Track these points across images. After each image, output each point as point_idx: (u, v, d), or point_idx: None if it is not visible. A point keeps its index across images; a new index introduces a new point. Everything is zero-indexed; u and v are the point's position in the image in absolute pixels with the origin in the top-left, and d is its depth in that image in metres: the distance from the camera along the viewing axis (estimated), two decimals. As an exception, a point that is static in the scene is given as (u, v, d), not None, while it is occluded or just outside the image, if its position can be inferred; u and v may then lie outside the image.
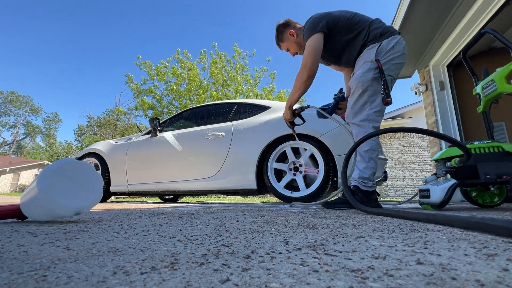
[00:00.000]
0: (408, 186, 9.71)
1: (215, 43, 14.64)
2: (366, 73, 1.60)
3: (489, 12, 2.93)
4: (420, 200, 1.78)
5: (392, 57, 1.61)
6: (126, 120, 25.25)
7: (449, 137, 1.30)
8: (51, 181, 1.02)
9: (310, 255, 0.49)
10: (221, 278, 0.36)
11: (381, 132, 1.41)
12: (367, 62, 1.62)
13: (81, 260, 0.47)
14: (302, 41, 1.83)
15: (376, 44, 1.63)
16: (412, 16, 3.11)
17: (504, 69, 1.63)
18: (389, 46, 1.61)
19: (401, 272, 0.38)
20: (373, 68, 1.59)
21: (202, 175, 2.85)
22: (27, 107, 41.70)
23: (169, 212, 1.58)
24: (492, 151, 1.59)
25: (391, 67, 1.60)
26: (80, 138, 33.99)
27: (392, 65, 1.61)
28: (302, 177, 2.48)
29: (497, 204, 1.83)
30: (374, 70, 1.59)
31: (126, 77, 14.94)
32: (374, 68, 1.59)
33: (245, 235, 0.71)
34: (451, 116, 3.83)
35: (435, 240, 0.61)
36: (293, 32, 1.89)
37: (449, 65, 3.94)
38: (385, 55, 1.59)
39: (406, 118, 10.45)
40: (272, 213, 1.41)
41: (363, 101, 1.62)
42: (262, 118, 2.76)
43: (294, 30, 1.90)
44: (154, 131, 3.24)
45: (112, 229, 0.86)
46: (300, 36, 1.88)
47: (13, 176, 29.16)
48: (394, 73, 1.64)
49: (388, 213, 1.09)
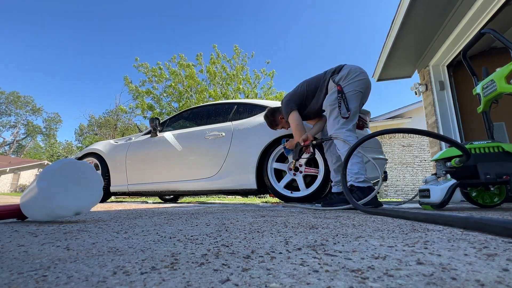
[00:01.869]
0: (408, 186, 9.71)
1: (215, 44, 14.65)
2: (331, 96, 1.99)
3: (489, 12, 2.92)
4: (420, 200, 1.78)
5: (350, 78, 1.97)
6: (126, 120, 25.24)
7: (447, 138, 1.30)
8: (51, 181, 1.02)
9: (310, 255, 0.49)
10: (221, 278, 0.36)
11: (381, 133, 1.42)
12: (332, 90, 2.02)
13: (81, 260, 0.47)
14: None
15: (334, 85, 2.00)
16: (412, 16, 3.11)
17: (504, 69, 1.63)
18: (343, 73, 1.98)
19: (401, 272, 0.38)
20: (336, 91, 1.97)
21: (202, 175, 2.85)
22: (28, 107, 41.71)
23: (169, 212, 1.58)
24: (492, 151, 1.59)
25: (349, 87, 1.95)
26: (81, 138, 34.00)
27: (350, 84, 1.95)
28: (302, 177, 2.48)
29: (497, 204, 1.83)
30: (338, 93, 1.96)
31: (124, 80, 14.96)
32: (337, 91, 1.96)
33: (245, 235, 0.71)
34: (451, 116, 3.83)
35: (435, 240, 0.61)
36: (281, 115, 2.30)
37: (449, 65, 3.94)
38: (343, 80, 1.97)
39: (406, 118, 10.45)
40: (272, 213, 1.41)
41: (334, 116, 1.94)
42: (262, 118, 2.76)
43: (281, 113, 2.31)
44: (154, 131, 3.24)
45: (112, 229, 0.86)
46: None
47: (13, 176, 29.15)
48: (353, 89, 1.95)
49: (388, 213, 1.09)
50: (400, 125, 10.35)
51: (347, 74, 1.99)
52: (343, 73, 2.00)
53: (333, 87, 2.01)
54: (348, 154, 1.59)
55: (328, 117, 2.02)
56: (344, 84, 1.97)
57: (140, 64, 14.68)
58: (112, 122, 27.52)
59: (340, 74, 2.01)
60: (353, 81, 1.98)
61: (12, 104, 40.12)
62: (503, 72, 1.63)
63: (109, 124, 27.63)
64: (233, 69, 14.66)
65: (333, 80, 2.01)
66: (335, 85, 1.99)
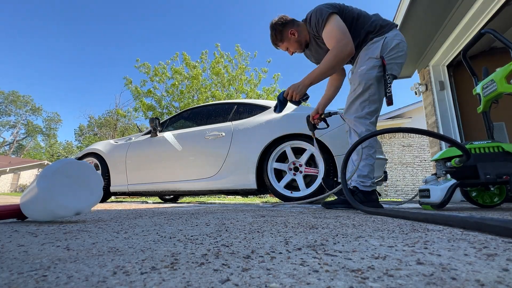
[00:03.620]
0: (408, 186, 9.71)
1: (218, 43, 14.64)
2: (370, 71, 1.58)
3: (489, 12, 2.93)
4: (420, 200, 1.78)
5: (396, 55, 1.59)
6: (126, 120, 25.25)
7: (447, 138, 1.30)
8: (51, 181, 1.02)
9: (310, 255, 0.49)
10: (221, 278, 0.36)
11: (380, 132, 1.42)
12: (372, 59, 1.60)
13: (81, 260, 0.47)
14: (304, 38, 1.80)
15: (380, 38, 1.60)
16: (412, 16, 3.11)
17: (504, 69, 1.63)
18: (393, 43, 1.58)
19: (401, 272, 0.38)
20: (377, 66, 1.57)
21: (202, 175, 2.85)
22: (27, 106, 41.69)
23: (169, 212, 1.58)
24: (492, 151, 1.59)
25: (393, 67, 1.58)
26: (81, 138, 33.99)
27: (395, 64, 1.59)
28: (302, 177, 2.48)
29: (497, 204, 1.83)
30: (378, 68, 1.57)
31: (125, 80, 14.92)
32: (378, 66, 1.57)
33: (245, 235, 0.71)
34: (451, 116, 3.83)
35: (435, 240, 0.61)
36: (294, 31, 1.79)
37: (449, 65, 3.94)
38: (389, 53, 1.57)
39: (406, 118, 10.45)
40: (272, 213, 1.41)
41: (364, 99, 1.61)
42: (262, 118, 2.76)
43: (295, 28, 1.79)
44: (154, 131, 3.24)
45: (112, 229, 0.86)
46: (303, 34, 1.79)
47: (13, 176, 29.15)
48: (397, 72, 1.62)
49: (387, 213, 1.09)
50: (400, 125, 10.35)
51: (396, 45, 1.57)
52: (394, 41, 1.57)
53: (375, 53, 1.57)
54: (348, 154, 1.55)
55: (353, 92, 1.65)
56: (388, 58, 1.55)
57: (141, 65, 14.66)
58: (112, 122, 27.52)
59: (389, 39, 1.57)
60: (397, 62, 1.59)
61: (12, 104, 40.10)
62: (503, 72, 1.63)
63: (109, 124, 27.63)
64: (236, 68, 14.64)
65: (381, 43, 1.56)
66: (378, 53, 1.56)
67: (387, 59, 1.56)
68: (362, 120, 1.61)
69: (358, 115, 1.63)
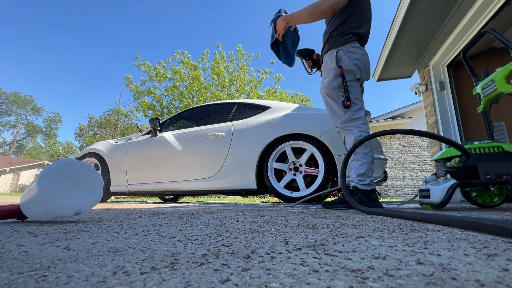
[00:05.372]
0: (408, 186, 9.71)
1: (219, 43, 14.63)
2: (333, 82, 1.71)
3: (489, 12, 2.92)
4: (420, 200, 1.78)
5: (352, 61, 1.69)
6: (127, 120, 25.25)
7: (446, 138, 1.30)
8: (51, 181, 1.02)
9: (310, 255, 0.49)
10: (221, 278, 0.36)
11: (376, 135, 1.43)
12: (331, 70, 1.72)
13: (81, 260, 0.47)
14: None
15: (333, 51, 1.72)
16: (412, 16, 3.11)
17: (504, 69, 1.63)
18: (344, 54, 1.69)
19: (401, 272, 0.38)
20: (337, 75, 1.69)
21: (202, 175, 2.85)
22: (28, 106, 41.67)
23: (169, 212, 1.58)
24: (492, 151, 1.59)
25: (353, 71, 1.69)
26: (81, 138, 33.97)
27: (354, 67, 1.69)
28: (302, 177, 2.48)
29: (497, 204, 1.83)
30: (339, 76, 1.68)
31: (125, 79, 14.91)
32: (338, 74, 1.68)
33: (245, 235, 0.71)
34: (451, 116, 3.83)
35: (435, 240, 0.61)
36: None
37: (449, 65, 3.94)
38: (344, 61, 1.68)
39: (406, 118, 10.45)
40: (272, 213, 1.41)
41: (338, 105, 1.71)
42: (262, 118, 2.76)
43: None
44: (154, 131, 3.24)
45: (112, 229, 0.86)
46: None
47: (13, 176, 29.15)
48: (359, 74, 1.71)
49: (387, 213, 1.09)
50: (400, 125, 10.36)
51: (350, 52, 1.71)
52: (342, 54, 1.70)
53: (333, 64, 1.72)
54: (348, 155, 1.56)
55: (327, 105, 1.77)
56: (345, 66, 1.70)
57: (141, 63, 14.64)
58: (112, 122, 27.51)
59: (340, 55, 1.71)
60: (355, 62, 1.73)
61: (13, 104, 40.09)
62: (503, 72, 1.63)
63: (109, 124, 27.62)
64: (237, 68, 14.63)
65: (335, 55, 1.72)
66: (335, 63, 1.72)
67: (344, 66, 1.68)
68: (351, 123, 1.68)
69: (343, 120, 1.70)
